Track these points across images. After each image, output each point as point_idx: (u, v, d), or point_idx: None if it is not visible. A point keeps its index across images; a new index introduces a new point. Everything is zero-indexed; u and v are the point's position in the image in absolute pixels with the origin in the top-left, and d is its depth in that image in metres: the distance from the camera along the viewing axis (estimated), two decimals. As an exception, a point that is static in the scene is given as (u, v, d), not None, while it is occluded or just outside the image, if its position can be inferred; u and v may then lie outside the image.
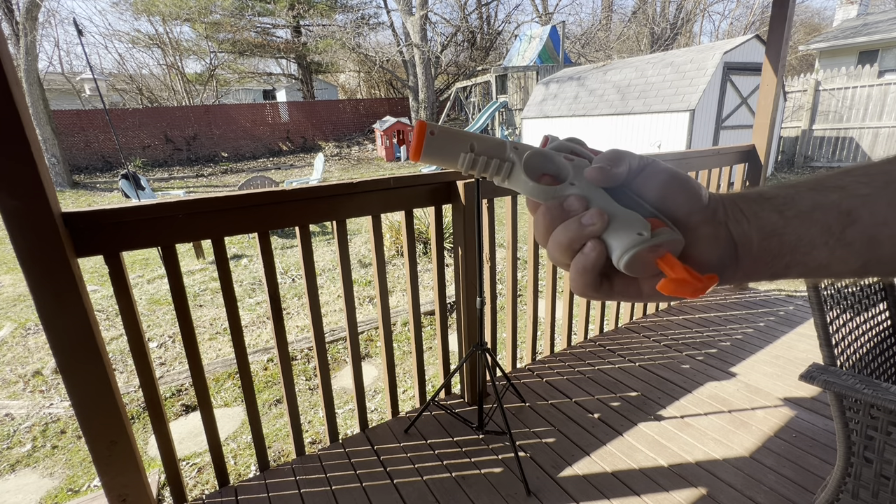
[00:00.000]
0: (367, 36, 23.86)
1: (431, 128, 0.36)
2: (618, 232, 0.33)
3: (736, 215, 0.33)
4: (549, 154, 0.39)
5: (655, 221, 0.33)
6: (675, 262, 0.32)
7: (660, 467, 1.75)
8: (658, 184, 0.34)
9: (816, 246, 0.30)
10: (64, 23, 23.51)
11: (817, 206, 0.30)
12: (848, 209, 0.29)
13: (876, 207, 0.29)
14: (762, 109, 2.87)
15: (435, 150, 0.36)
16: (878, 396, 0.94)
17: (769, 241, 0.32)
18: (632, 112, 10.03)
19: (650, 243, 0.32)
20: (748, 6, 27.30)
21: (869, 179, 0.30)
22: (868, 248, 0.29)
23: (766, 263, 0.33)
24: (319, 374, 1.84)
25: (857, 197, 0.29)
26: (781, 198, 0.32)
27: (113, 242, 1.35)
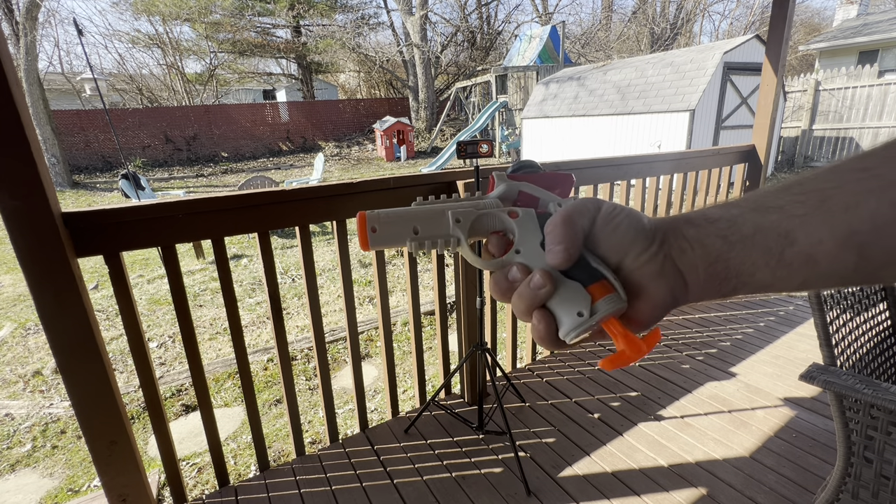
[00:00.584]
0: (367, 36, 23.88)
1: (372, 223, 0.38)
2: (562, 306, 0.35)
3: (680, 244, 0.34)
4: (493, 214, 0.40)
5: (598, 288, 0.34)
6: (616, 326, 0.35)
7: (660, 467, 1.75)
8: (603, 237, 0.36)
9: (759, 268, 0.32)
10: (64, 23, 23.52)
11: (758, 230, 0.31)
12: (786, 231, 0.30)
13: (811, 228, 0.29)
14: (762, 109, 2.87)
15: (381, 241, 0.38)
16: (878, 396, 0.94)
17: (714, 267, 0.33)
18: (632, 112, 10.03)
19: (589, 324, 0.34)
20: (748, 6, 27.31)
21: (805, 198, 0.30)
22: (806, 267, 0.30)
23: (714, 287, 0.34)
24: (319, 374, 1.84)
25: (795, 217, 0.30)
26: (725, 220, 0.33)
27: (113, 242, 1.35)
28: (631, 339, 0.34)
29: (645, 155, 2.55)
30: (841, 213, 0.29)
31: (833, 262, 0.29)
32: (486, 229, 0.40)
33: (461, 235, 0.38)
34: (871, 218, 0.28)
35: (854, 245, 0.28)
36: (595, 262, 0.35)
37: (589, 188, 2.38)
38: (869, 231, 0.28)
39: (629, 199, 2.59)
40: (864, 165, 0.29)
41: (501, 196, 0.41)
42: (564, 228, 0.36)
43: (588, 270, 0.35)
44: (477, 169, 1.75)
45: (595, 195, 2.40)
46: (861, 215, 0.28)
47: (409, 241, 0.38)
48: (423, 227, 0.39)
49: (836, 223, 0.29)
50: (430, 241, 0.38)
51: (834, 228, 0.29)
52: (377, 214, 0.38)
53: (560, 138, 12.07)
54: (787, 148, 11.05)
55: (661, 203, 2.75)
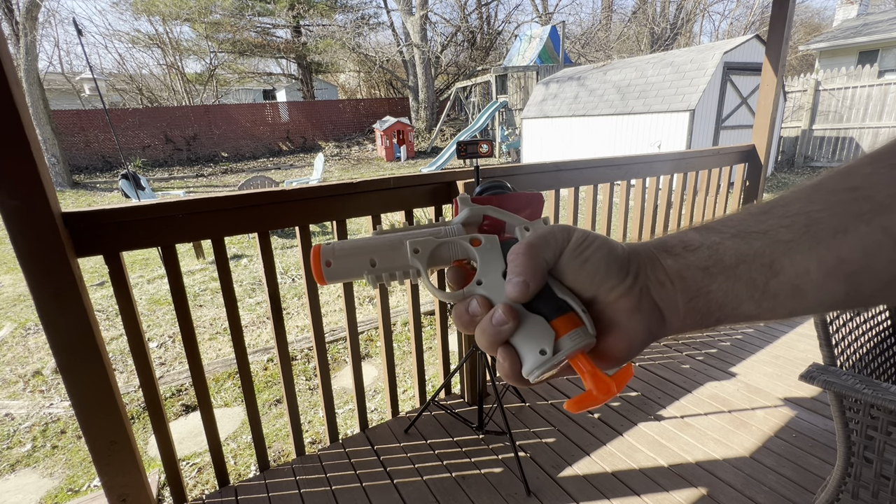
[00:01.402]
0: (367, 36, 23.87)
1: (326, 258, 0.36)
2: (524, 343, 0.33)
3: (659, 277, 0.32)
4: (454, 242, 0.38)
5: (563, 322, 0.32)
6: (584, 364, 0.32)
7: (660, 467, 1.75)
8: (573, 269, 0.33)
9: (743, 301, 0.30)
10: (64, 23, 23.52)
11: (741, 260, 0.29)
12: (770, 260, 0.28)
13: (797, 256, 0.28)
14: (762, 109, 2.87)
15: (336, 275, 0.37)
16: (878, 396, 0.94)
17: (695, 302, 0.31)
18: (632, 112, 10.03)
19: (552, 362, 0.32)
20: (748, 6, 27.31)
21: (790, 222, 0.28)
22: (793, 299, 0.28)
23: (695, 321, 0.32)
24: (319, 374, 1.84)
25: (780, 244, 0.28)
26: (706, 248, 0.31)
27: (113, 242, 1.35)
28: (599, 379, 0.32)
29: (645, 155, 2.55)
30: (829, 240, 0.27)
31: (820, 292, 0.28)
32: (448, 258, 0.38)
33: (420, 266, 0.37)
34: (861, 245, 0.26)
35: (843, 274, 0.27)
36: (562, 292, 0.33)
37: (589, 188, 2.38)
38: (859, 259, 0.26)
39: (629, 199, 2.59)
40: (851, 185, 0.27)
41: (465, 221, 0.39)
42: (526, 259, 0.33)
43: (553, 302, 0.33)
44: (477, 169, 1.75)
45: (595, 195, 2.40)
46: (850, 243, 0.26)
47: (367, 274, 0.37)
48: (381, 258, 0.37)
49: (824, 252, 0.27)
50: (387, 274, 0.37)
51: (822, 258, 0.27)
52: (332, 247, 0.37)
53: (560, 138, 12.07)
54: (787, 148, 11.05)
55: (661, 203, 2.75)
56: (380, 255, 0.37)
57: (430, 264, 0.38)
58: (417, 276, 0.37)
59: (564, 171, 2.21)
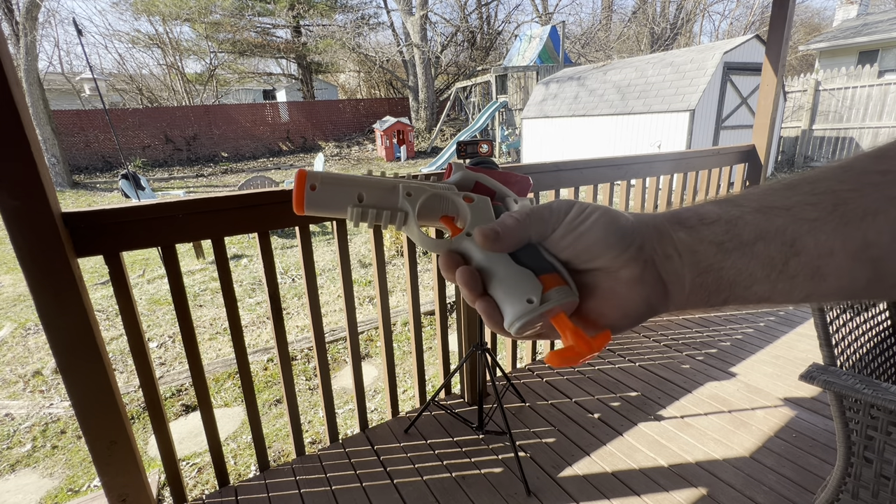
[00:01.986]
0: (367, 36, 23.87)
1: (312, 181, 0.34)
2: (508, 296, 0.32)
3: (666, 250, 0.30)
4: (447, 196, 0.37)
5: (550, 279, 0.32)
6: (566, 323, 0.32)
7: (660, 467, 1.75)
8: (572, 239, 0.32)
9: (757, 280, 0.28)
10: (64, 23, 23.52)
11: (760, 237, 0.28)
12: (792, 238, 0.27)
13: (822, 236, 0.26)
14: (762, 109, 2.87)
15: (319, 203, 0.34)
16: (878, 396, 0.94)
17: (704, 278, 0.29)
18: (632, 112, 10.03)
19: (539, 311, 0.31)
20: (748, 6, 27.31)
21: (817, 199, 0.27)
22: (811, 281, 0.27)
23: (701, 299, 0.30)
24: (319, 374, 1.84)
25: (804, 222, 0.27)
26: (724, 222, 0.29)
27: (113, 242, 1.35)
28: (580, 335, 0.31)
29: (645, 155, 2.55)
30: (857, 221, 0.25)
31: (842, 276, 0.26)
32: (438, 212, 0.37)
33: (410, 210, 0.35)
34: (891, 229, 0.25)
35: (868, 259, 0.25)
36: (549, 256, 0.33)
37: (589, 188, 2.38)
38: (887, 243, 0.25)
39: (629, 199, 2.59)
40: (884, 168, 0.26)
41: (458, 183, 0.39)
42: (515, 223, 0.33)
43: (541, 262, 0.33)
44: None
45: (595, 195, 2.40)
46: (880, 226, 0.25)
47: (351, 208, 0.34)
48: (370, 195, 0.35)
49: (851, 232, 0.25)
50: (374, 211, 0.35)
51: (847, 239, 0.25)
52: (320, 173, 0.34)
53: (560, 138, 12.06)
54: (787, 148, 11.05)
55: (661, 203, 2.74)
56: (369, 192, 0.35)
57: (420, 215, 0.36)
58: (404, 222, 0.36)
59: (564, 171, 2.21)
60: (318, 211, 0.35)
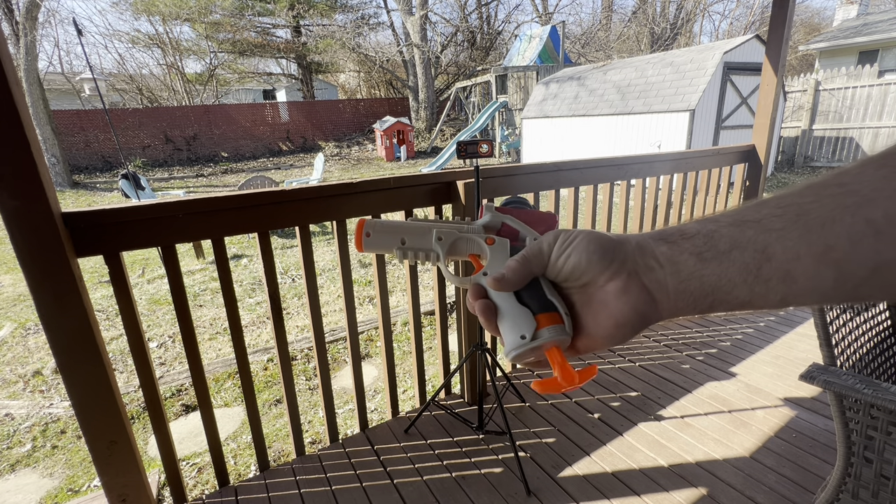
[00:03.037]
0: (367, 36, 23.86)
1: (368, 229, 0.44)
2: (507, 330, 0.38)
3: (648, 262, 0.34)
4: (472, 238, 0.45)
5: (546, 318, 0.37)
6: (557, 356, 0.37)
7: (660, 467, 1.75)
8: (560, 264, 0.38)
9: (736, 285, 0.31)
10: (64, 23, 23.49)
11: (735, 245, 0.31)
12: (763, 246, 0.30)
13: (788, 242, 0.29)
14: (762, 109, 2.87)
15: (373, 246, 0.45)
16: (878, 396, 0.94)
17: (687, 284, 0.33)
18: (632, 112, 10.03)
19: (528, 346, 0.37)
20: (748, 6, 27.30)
21: (782, 212, 0.30)
22: (784, 284, 0.30)
23: (688, 304, 0.34)
24: (319, 374, 1.84)
25: (772, 231, 0.30)
26: (702, 236, 0.33)
27: (113, 242, 1.35)
28: (566, 370, 0.37)
29: (645, 155, 2.55)
30: (818, 228, 0.29)
31: (811, 278, 0.29)
32: (465, 251, 0.45)
33: (440, 252, 0.44)
34: (846, 234, 0.28)
35: (831, 261, 0.28)
36: (551, 294, 0.38)
37: (589, 188, 2.38)
38: (845, 247, 0.28)
39: (629, 199, 2.59)
40: (840, 181, 0.29)
41: (486, 224, 0.46)
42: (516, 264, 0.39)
43: (541, 301, 0.38)
44: (477, 169, 1.75)
45: (595, 195, 2.40)
46: (837, 231, 0.28)
47: (396, 249, 0.44)
48: (410, 239, 0.44)
49: (813, 238, 0.29)
50: (412, 252, 0.44)
51: (811, 244, 0.29)
52: (373, 223, 0.45)
53: (560, 138, 12.06)
54: (787, 148, 11.05)
55: (661, 203, 2.74)
56: (410, 236, 0.44)
57: (450, 253, 0.45)
58: (437, 260, 0.45)
59: (564, 171, 2.21)
60: (373, 251, 0.45)
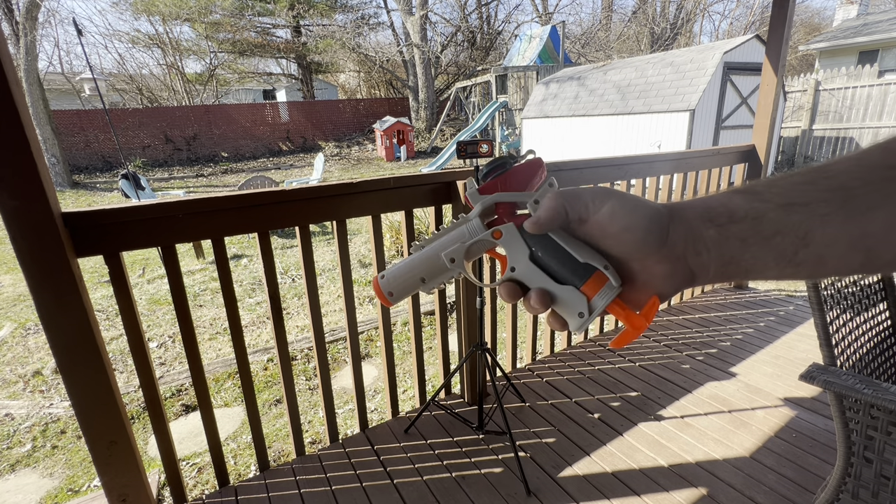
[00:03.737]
0: (367, 36, 23.86)
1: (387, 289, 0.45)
2: (566, 313, 0.39)
3: (697, 247, 0.34)
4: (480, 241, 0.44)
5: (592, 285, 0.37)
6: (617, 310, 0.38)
7: (660, 467, 1.75)
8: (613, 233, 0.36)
9: (770, 268, 0.32)
10: (64, 23, 23.50)
11: (778, 231, 0.31)
12: (805, 231, 0.30)
13: (829, 229, 0.29)
14: (762, 109, 2.87)
15: (399, 297, 0.45)
16: (878, 396, 0.94)
17: (727, 267, 0.34)
18: (632, 112, 10.02)
19: (590, 321, 0.38)
20: (748, 6, 27.30)
21: (831, 196, 0.30)
22: (814, 267, 0.31)
23: (720, 279, 0.35)
24: (319, 374, 1.84)
25: (817, 217, 0.30)
26: (750, 220, 0.32)
27: (113, 242, 1.35)
28: (632, 319, 0.37)
29: (645, 155, 2.55)
30: (859, 216, 0.29)
31: (840, 261, 0.30)
32: (481, 251, 0.45)
33: (460, 269, 0.43)
34: (884, 221, 0.28)
35: (863, 247, 0.29)
36: (584, 255, 0.37)
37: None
38: (879, 234, 0.28)
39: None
40: (891, 163, 0.29)
41: (481, 214, 0.44)
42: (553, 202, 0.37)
43: (578, 271, 0.37)
44: (477, 169, 1.75)
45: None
46: (877, 217, 0.28)
47: (421, 289, 0.45)
48: (428, 275, 0.44)
49: (852, 226, 0.29)
50: (436, 282, 0.45)
51: (849, 231, 0.29)
52: (387, 280, 0.45)
53: (560, 138, 12.06)
54: (787, 148, 11.05)
55: (661, 203, 2.75)
56: (426, 273, 0.44)
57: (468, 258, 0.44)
58: (460, 275, 0.45)
59: (564, 171, 2.21)
60: (402, 300, 0.46)
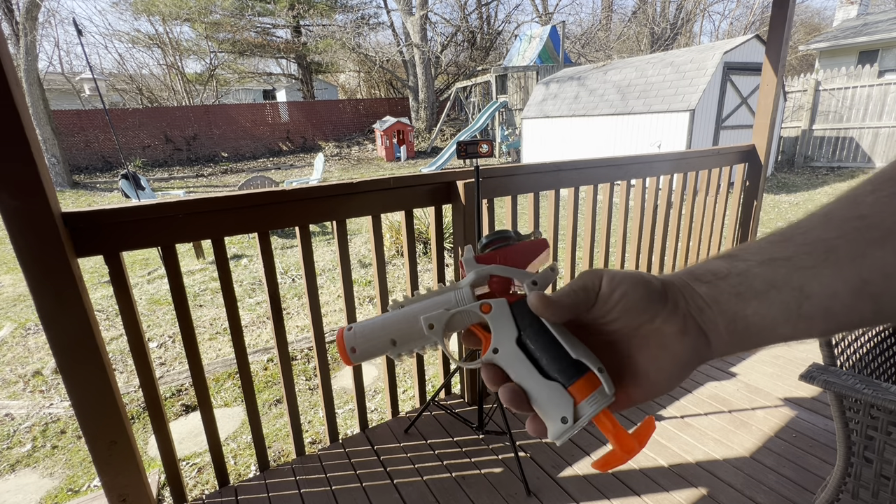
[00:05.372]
0: (367, 36, 23.86)
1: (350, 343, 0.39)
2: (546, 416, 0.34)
3: (697, 303, 0.34)
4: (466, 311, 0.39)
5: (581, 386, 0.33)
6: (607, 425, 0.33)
7: (660, 467, 1.75)
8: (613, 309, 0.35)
9: (780, 324, 0.31)
10: (64, 23, 23.47)
11: (772, 285, 0.31)
12: (800, 285, 0.30)
13: (824, 279, 0.29)
14: (762, 109, 2.87)
15: (362, 357, 0.39)
16: (878, 396, 0.94)
17: (735, 325, 0.33)
18: (632, 112, 10.02)
19: (575, 430, 0.32)
20: (748, 6, 27.30)
21: (811, 249, 0.30)
22: (825, 319, 0.30)
23: (738, 343, 0.33)
24: (319, 374, 1.84)
25: (805, 270, 0.30)
26: (735, 275, 0.33)
27: (113, 242, 1.35)
28: (622, 438, 0.33)
29: (645, 155, 2.55)
30: (849, 265, 0.29)
31: (850, 312, 0.29)
32: (461, 325, 0.40)
33: (437, 339, 0.38)
34: (880, 268, 0.28)
35: (868, 295, 0.29)
36: (578, 351, 0.34)
37: (589, 188, 2.38)
38: (880, 280, 0.28)
39: (629, 199, 2.59)
40: (859, 213, 0.29)
41: (473, 283, 0.40)
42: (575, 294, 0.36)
43: (569, 368, 0.33)
44: (477, 169, 1.75)
45: (595, 195, 2.40)
46: (870, 265, 0.28)
47: (389, 353, 0.39)
48: (400, 337, 0.39)
49: (847, 275, 0.29)
50: (407, 348, 0.39)
51: (846, 280, 0.29)
52: (353, 333, 0.39)
53: (560, 138, 12.06)
54: (787, 148, 11.05)
55: (661, 203, 2.74)
56: (399, 335, 0.39)
57: (448, 330, 0.39)
58: (435, 346, 0.39)
59: (564, 171, 2.21)
60: (365, 360, 0.40)
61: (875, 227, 0.28)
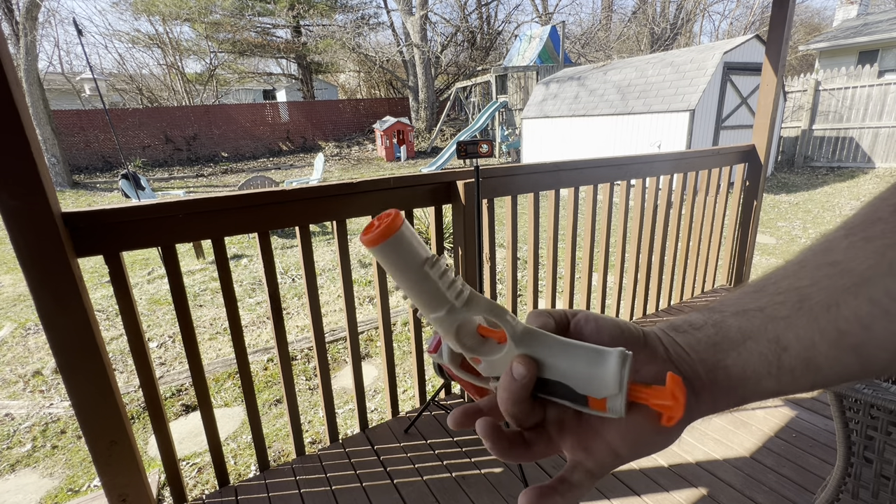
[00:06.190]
0: (367, 36, 23.86)
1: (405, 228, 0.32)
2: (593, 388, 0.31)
3: (677, 350, 0.32)
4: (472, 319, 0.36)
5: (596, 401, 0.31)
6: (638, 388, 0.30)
7: (660, 467, 1.75)
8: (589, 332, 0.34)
9: (762, 376, 0.30)
10: (64, 23, 23.48)
11: (747, 336, 0.30)
12: (775, 336, 0.29)
13: (799, 331, 0.28)
14: (762, 109, 2.87)
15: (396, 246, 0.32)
16: (878, 396, 0.94)
17: (715, 374, 0.31)
18: (632, 112, 10.03)
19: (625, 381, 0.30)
20: (748, 6, 27.31)
21: (783, 298, 0.29)
22: (809, 372, 0.28)
23: (723, 396, 0.31)
24: (319, 374, 1.84)
25: (778, 320, 0.29)
26: (710, 325, 0.32)
27: (113, 242, 1.35)
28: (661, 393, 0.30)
29: (645, 155, 2.55)
30: (824, 314, 0.27)
31: (834, 364, 0.27)
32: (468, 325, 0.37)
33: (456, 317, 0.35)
34: (855, 318, 0.26)
35: (849, 346, 0.26)
36: None
37: (589, 188, 2.38)
38: (858, 332, 0.26)
39: (629, 199, 2.59)
40: (832, 260, 0.28)
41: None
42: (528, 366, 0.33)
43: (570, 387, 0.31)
44: (477, 169, 1.75)
45: (595, 195, 2.40)
46: (845, 315, 0.26)
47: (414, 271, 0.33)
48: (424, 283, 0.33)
49: (823, 325, 0.27)
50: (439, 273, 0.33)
51: (822, 331, 0.27)
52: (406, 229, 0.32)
53: (560, 138, 12.06)
54: (787, 148, 11.05)
55: (661, 203, 2.74)
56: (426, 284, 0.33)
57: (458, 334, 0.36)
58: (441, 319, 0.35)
59: (564, 171, 2.21)
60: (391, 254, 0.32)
61: (847, 274, 0.27)
